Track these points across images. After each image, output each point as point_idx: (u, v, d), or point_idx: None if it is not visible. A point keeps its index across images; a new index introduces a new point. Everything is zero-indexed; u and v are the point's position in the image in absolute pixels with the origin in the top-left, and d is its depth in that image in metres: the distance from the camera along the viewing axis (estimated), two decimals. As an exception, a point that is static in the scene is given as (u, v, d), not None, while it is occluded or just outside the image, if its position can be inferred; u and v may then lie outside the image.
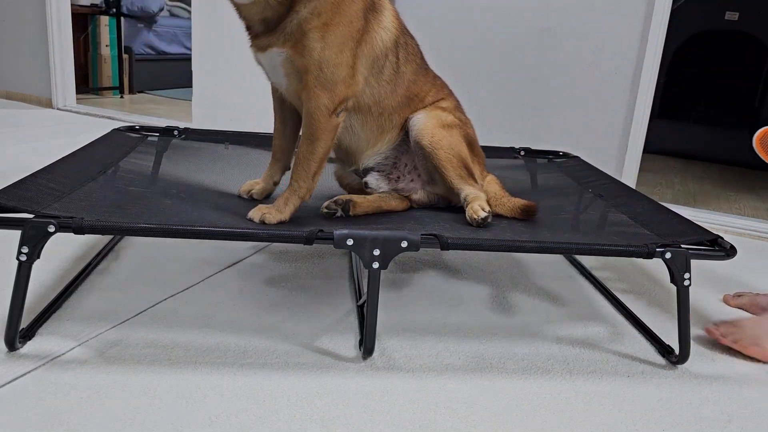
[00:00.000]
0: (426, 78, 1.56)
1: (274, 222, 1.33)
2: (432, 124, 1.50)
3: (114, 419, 1.01)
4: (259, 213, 1.35)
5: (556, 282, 1.75)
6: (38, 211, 1.16)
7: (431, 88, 1.57)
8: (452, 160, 1.49)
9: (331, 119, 1.34)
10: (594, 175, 1.93)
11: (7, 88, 4.45)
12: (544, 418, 1.11)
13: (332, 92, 1.32)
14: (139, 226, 1.15)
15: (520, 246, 1.24)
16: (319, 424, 1.05)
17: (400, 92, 1.47)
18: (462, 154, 1.52)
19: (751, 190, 3.41)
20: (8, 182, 1.32)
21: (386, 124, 1.50)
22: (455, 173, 1.50)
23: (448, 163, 1.49)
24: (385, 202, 1.48)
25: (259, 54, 1.37)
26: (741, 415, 1.18)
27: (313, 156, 1.36)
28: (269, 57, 1.35)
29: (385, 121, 1.49)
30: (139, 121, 3.95)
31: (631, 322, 1.53)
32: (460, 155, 1.51)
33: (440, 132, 1.49)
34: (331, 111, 1.34)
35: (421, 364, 1.26)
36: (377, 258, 1.18)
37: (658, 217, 1.51)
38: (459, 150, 1.51)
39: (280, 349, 1.27)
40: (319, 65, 1.31)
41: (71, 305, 1.38)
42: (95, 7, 5.21)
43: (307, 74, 1.32)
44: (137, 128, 2.02)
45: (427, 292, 1.61)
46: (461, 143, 1.53)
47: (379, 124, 1.48)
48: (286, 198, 1.37)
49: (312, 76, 1.31)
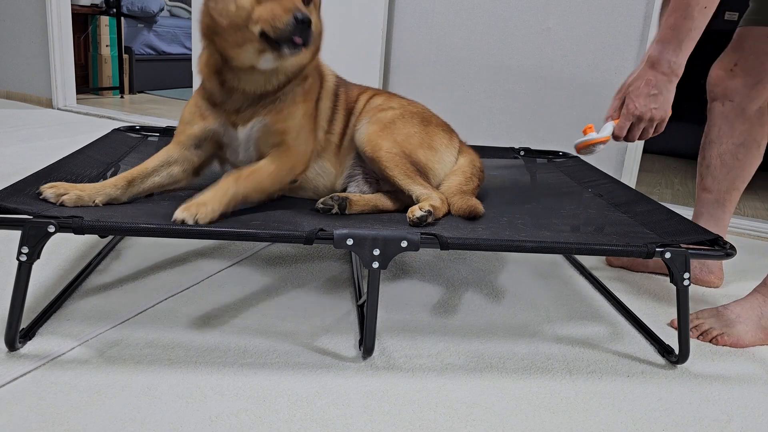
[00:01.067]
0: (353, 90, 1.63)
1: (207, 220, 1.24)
2: (371, 131, 1.50)
3: (114, 419, 1.01)
4: (189, 213, 1.22)
5: (556, 282, 1.75)
6: (38, 212, 1.16)
7: (360, 95, 1.62)
8: (394, 159, 1.46)
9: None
10: (594, 175, 1.94)
11: (7, 88, 4.45)
12: (544, 418, 1.11)
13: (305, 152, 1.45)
14: (139, 226, 1.15)
15: (520, 246, 1.23)
16: (319, 424, 1.05)
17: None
18: (406, 149, 1.49)
19: (751, 190, 3.40)
20: (8, 182, 1.32)
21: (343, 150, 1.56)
22: (400, 172, 1.45)
23: (391, 163, 1.45)
24: (380, 202, 1.47)
25: (239, 129, 1.39)
26: (741, 415, 1.18)
27: (245, 194, 1.33)
28: (248, 128, 1.39)
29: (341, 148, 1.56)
30: (139, 121, 3.95)
31: (631, 322, 1.53)
32: (403, 151, 1.48)
33: (378, 135, 1.49)
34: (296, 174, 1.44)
35: (421, 363, 1.26)
36: (377, 258, 1.18)
37: (658, 216, 1.51)
38: (402, 145, 1.49)
39: (280, 349, 1.27)
40: (297, 128, 1.41)
41: (71, 305, 1.38)
42: (95, 7, 5.22)
43: (285, 135, 1.39)
44: (137, 128, 2.02)
45: (427, 292, 1.61)
46: (406, 133, 1.51)
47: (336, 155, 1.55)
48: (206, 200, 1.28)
49: (290, 137, 1.40)
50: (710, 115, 1.70)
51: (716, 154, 1.70)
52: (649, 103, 1.35)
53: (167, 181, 1.43)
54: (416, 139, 1.53)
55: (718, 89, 1.65)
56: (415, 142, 1.52)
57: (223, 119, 1.40)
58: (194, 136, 1.42)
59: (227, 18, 1.28)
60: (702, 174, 1.75)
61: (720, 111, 1.66)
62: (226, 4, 1.28)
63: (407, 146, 1.50)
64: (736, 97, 1.62)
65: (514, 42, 2.89)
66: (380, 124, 1.52)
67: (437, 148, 1.57)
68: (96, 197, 1.30)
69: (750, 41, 1.57)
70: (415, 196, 1.44)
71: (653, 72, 1.33)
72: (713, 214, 1.74)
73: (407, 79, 3.17)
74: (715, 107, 1.67)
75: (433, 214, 1.36)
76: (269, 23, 1.25)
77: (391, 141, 1.49)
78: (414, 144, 1.51)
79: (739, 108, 1.63)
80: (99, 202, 1.30)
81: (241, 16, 1.27)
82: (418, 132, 1.54)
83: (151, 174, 1.40)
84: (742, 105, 1.62)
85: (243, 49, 1.31)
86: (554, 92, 2.84)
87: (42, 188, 1.28)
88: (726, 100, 1.64)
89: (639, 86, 1.35)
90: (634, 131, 1.40)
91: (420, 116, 1.59)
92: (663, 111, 1.36)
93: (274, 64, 1.34)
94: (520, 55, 2.89)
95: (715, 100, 1.67)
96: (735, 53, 1.61)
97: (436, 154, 1.56)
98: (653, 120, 1.37)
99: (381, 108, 1.57)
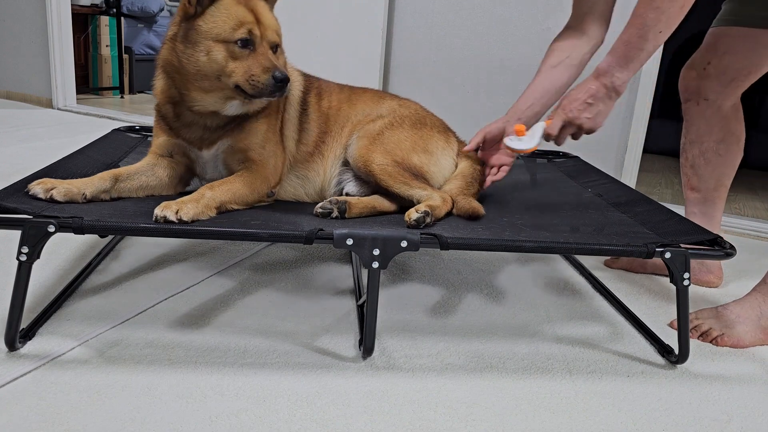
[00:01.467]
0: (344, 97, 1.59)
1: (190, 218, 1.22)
2: (361, 146, 1.48)
3: (114, 419, 1.01)
4: (170, 210, 1.21)
5: (556, 282, 1.75)
6: (38, 212, 1.16)
7: (338, 97, 1.58)
8: (386, 170, 1.43)
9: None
10: (594, 175, 1.94)
11: (8, 88, 4.45)
12: (544, 418, 1.11)
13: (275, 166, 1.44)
14: (139, 226, 1.15)
15: (520, 246, 1.23)
16: (319, 424, 1.05)
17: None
18: (398, 157, 1.46)
19: (751, 190, 3.41)
20: (8, 182, 1.32)
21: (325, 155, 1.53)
22: (395, 182, 1.43)
23: (385, 175, 1.43)
24: (379, 203, 1.46)
25: (203, 151, 1.39)
26: (741, 415, 1.18)
27: (233, 198, 1.33)
28: (212, 151, 1.39)
29: (322, 155, 1.53)
30: (139, 121, 3.95)
31: (631, 322, 1.53)
32: (395, 160, 1.45)
33: (368, 149, 1.46)
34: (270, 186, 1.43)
35: (421, 363, 1.26)
36: (377, 258, 1.18)
37: (658, 216, 1.51)
38: (394, 153, 1.46)
39: (280, 349, 1.27)
40: (261, 143, 1.39)
41: (71, 305, 1.38)
42: (95, 7, 5.22)
43: (249, 151, 1.39)
44: (137, 128, 2.02)
45: (427, 292, 1.61)
46: (396, 140, 1.49)
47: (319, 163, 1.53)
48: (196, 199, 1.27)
49: (255, 153, 1.39)
50: (687, 115, 1.73)
51: (698, 153, 1.72)
52: (583, 111, 1.35)
53: (155, 182, 1.41)
54: (408, 144, 1.50)
55: (691, 89, 1.68)
56: (406, 147, 1.49)
57: (198, 146, 1.40)
58: (163, 147, 1.42)
59: (196, 67, 1.27)
60: (687, 174, 1.77)
61: (696, 110, 1.69)
62: (198, 55, 1.26)
63: (399, 153, 1.47)
64: (710, 95, 1.65)
65: (514, 42, 2.89)
66: (369, 138, 1.49)
67: (432, 151, 1.54)
68: (85, 190, 1.29)
69: (724, 41, 1.60)
70: (415, 199, 1.42)
71: (596, 82, 1.34)
72: (705, 213, 1.76)
73: (407, 79, 3.17)
74: (690, 107, 1.70)
75: (431, 215, 1.33)
76: (247, 81, 1.24)
77: (382, 152, 1.46)
78: (406, 149, 1.49)
79: (714, 105, 1.66)
80: (88, 194, 1.30)
81: (213, 68, 1.26)
82: (409, 137, 1.51)
83: (137, 172, 1.39)
84: (717, 102, 1.65)
85: (209, 95, 1.31)
86: (554, 92, 2.83)
87: (30, 185, 1.27)
88: (701, 98, 1.67)
89: (579, 93, 1.36)
90: (563, 133, 1.41)
91: (411, 119, 1.55)
92: (594, 122, 1.37)
93: (240, 110, 1.35)
94: (520, 55, 2.89)
95: (689, 100, 1.70)
96: (708, 53, 1.64)
97: (431, 157, 1.53)
98: (582, 128, 1.38)
99: (369, 118, 1.54)
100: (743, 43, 1.57)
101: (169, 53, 1.31)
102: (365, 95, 1.61)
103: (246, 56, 1.26)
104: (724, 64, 1.61)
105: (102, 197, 1.33)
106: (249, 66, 1.25)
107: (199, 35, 1.26)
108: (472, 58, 2.98)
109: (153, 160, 1.42)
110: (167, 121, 1.40)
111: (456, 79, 3.04)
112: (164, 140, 1.41)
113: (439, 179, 1.54)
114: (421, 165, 1.50)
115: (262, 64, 1.25)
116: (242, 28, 1.25)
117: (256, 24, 1.28)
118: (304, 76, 1.56)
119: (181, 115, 1.37)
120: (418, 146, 1.52)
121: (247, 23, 1.26)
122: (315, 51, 3.26)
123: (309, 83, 1.56)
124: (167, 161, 1.43)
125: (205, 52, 1.25)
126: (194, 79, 1.29)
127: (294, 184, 1.51)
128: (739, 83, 1.62)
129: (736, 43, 1.58)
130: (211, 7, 1.26)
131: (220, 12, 1.26)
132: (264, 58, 1.26)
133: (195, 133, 1.38)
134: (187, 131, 1.38)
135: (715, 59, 1.62)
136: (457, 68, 3.03)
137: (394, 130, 1.51)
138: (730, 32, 1.59)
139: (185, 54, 1.28)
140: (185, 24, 1.28)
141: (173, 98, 1.36)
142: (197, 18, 1.26)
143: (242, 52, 1.26)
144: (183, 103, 1.35)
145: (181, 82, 1.32)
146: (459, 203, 1.46)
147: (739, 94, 1.65)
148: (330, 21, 3.26)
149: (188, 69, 1.29)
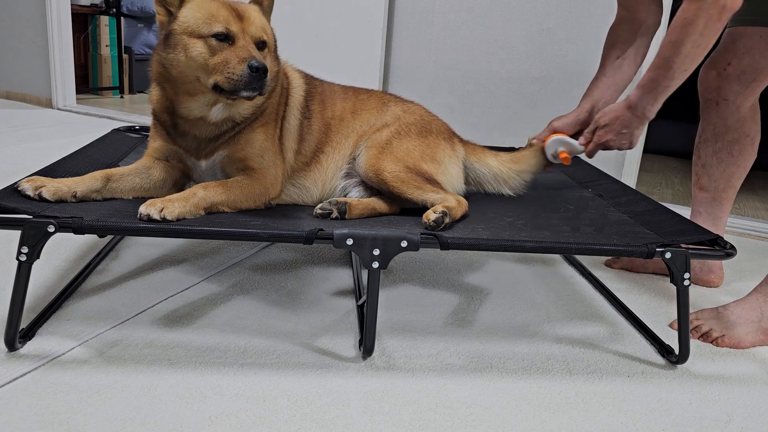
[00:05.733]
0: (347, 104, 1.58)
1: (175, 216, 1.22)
2: (370, 156, 1.48)
3: (114, 419, 1.01)
4: (154, 208, 1.20)
5: (556, 282, 1.75)
6: (38, 212, 1.16)
7: (342, 105, 1.57)
8: (399, 176, 1.43)
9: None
10: (594, 175, 1.93)
11: (7, 88, 4.45)
12: (544, 418, 1.11)
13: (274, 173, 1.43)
14: (139, 226, 1.15)
15: (520, 246, 1.23)
16: (319, 424, 1.05)
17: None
18: (409, 163, 1.46)
19: (751, 190, 3.40)
20: (8, 182, 1.32)
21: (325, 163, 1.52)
22: (409, 187, 1.42)
23: (398, 182, 1.42)
24: (379, 205, 1.46)
25: (201, 161, 1.38)
26: (741, 415, 1.18)
27: (226, 203, 1.32)
28: (210, 161, 1.39)
29: (324, 162, 1.52)
30: (139, 121, 3.95)
31: (631, 322, 1.53)
32: (407, 166, 1.45)
33: (378, 159, 1.46)
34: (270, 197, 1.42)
35: (421, 364, 1.26)
36: (377, 258, 1.18)
37: (658, 216, 1.51)
38: (405, 160, 1.46)
39: (280, 349, 1.27)
40: (260, 152, 1.39)
41: (71, 305, 1.38)
42: (95, 7, 5.22)
43: (248, 161, 1.38)
44: (137, 128, 2.02)
45: (428, 292, 1.61)
46: (405, 149, 1.48)
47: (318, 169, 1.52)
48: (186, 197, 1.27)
49: (254, 162, 1.39)
50: (704, 114, 1.71)
51: (712, 152, 1.71)
52: (619, 138, 1.52)
53: (149, 184, 1.40)
54: (417, 152, 1.50)
55: (711, 89, 1.67)
56: (416, 155, 1.49)
57: (196, 157, 1.39)
58: (159, 151, 1.42)
59: (177, 68, 1.27)
60: (698, 173, 1.76)
61: (715, 111, 1.68)
62: (178, 56, 1.26)
63: (410, 160, 1.47)
64: (730, 95, 1.64)
65: (514, 42, 2.89)
66: (377, 147, 1.49)
67: (440, 160, 1.54)
68: (76, 189, 1.28)
69: (743, 41, 1.59)
70: (429, 203, 1.41)
71: (628, 113, 1.48)
72: (711, 213, 1.75)
73: (407, 80, 3.17)
74: (710, 107, 1.69)
75: (449, 215, 1.33)
76: (223, 75, 1.22)
77: (392, 160, 1.46)
78: (416, 157, 1.49)
79: (734, 106, 1.65)
80: (79, 193, 1.28)
81: (192, 66, 1.25)
82: (417, 146, 1.51)
83: (130, 173, 1.38)
84: (737, 103, 1.64)
85: (194, 100, 1.30)
86: (555, 92, 2.84)
87: (19, 182, 1.26)
88: (720, 99, 1.66)
89: (613, 124, 1.51)
90: (596, 153, 1.61)
91: (417, 127, 1.55)
92: (630, 144, 1.53)
93: (225, 114, 1.34)
94: (520, 55, 2.89)
95: (709, 100, 1.69)
96: (727, 53, 1.63)
97: (439, 166, 1.53)
98: (619, 149, 1.56)
99: (375, 128, 1.54)
100: (762, 43, 1.56)
101: (156, 62, 1.32)
102: (369, 102, 1.59)
103: (225, 50, 1.24)
104: (744, 65, 1.60)
105: (93, 197, 1.32)
106: (226, 58, 1.23)
107: (176, 35, 1.26)
108: (472, 59, 2.98)
109: (148, 162, 1.42)
110: (165, 126, 1.40)
111: (456, 79, 3.04)
112: (161, 145, 1.41)
113: (447, 188, 1.52)
114: (431, 173, 1.49)
115: (239, 56, 1.23)
116: (216, 21, 1.24)
117: (235, 19, 1.27)
118: (306, 79, 1.55)
119: (177, 124, 1.37)
120: (426, 155, 1.52)
121: (221, 16, 1.25)
122: (315, 51, 3.26)
123: (312, 87, 1.54)
124: (163, 164, 1.42)
125: (182, 51, 1.25)
126: (179, 83, 1.29)
127: (290, 193, 1.50)
128: (759, 84, 1.61)
129: (755, 43, 1.57)
130: (183, 8, 1.27)
131: (191, 9, 1.27)
132: (243, 50, 1.24)
133: (191, 143, 1.38)
134: (183, 140, 1.38)
135: (735, 59, 1.61)
136: (457, 68, 3.03)
137: (401, 139, 1.51)
138: (748, 32, 1.58)
139: (168, 59, 1.28)
140: (164, 31, 1.29)
141: (168, 108, 1.36)
142: (173, 22, 1.27)
143: (221, 46, 1.24)
144: (175, 111, 1.35)
145: (171, 90, 1.32)
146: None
147: (757, 94, 1.65)
148: (330, 21, 3.26)
149: (171, 73, 1.29)
